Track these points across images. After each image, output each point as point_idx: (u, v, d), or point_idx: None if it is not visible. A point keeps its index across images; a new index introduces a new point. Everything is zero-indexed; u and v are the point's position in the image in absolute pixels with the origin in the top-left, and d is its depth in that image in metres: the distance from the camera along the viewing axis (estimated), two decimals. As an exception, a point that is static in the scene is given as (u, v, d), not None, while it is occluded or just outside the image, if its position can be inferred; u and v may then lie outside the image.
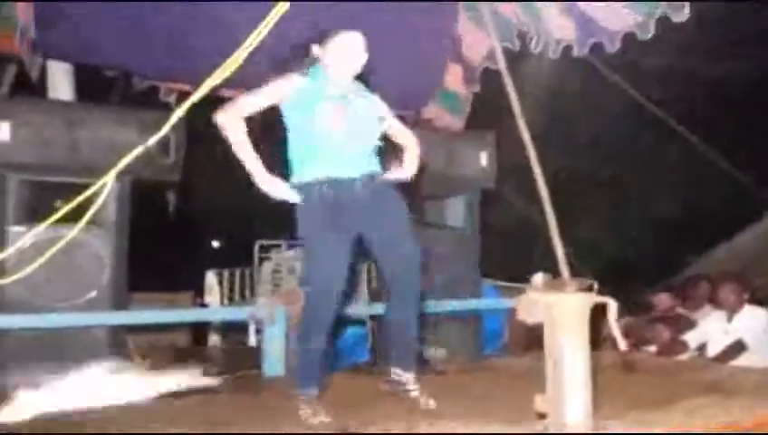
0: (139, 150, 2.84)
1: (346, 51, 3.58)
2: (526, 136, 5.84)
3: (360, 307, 6.24)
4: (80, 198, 3.30)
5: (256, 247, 9.57)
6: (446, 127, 6.84)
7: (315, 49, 3.61)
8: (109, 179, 2.79)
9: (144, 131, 4.74)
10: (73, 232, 3.66)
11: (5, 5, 5.34)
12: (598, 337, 5.75)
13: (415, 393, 3.65)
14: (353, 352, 6.51)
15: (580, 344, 2.64)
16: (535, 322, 2.68)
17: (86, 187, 4.46)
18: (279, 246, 9.67)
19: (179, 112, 2.92)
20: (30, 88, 5.97)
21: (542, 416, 2.74)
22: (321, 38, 3.61)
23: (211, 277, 9.24)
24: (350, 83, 3.64)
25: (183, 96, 6.94)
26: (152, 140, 2.95)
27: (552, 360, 2.67)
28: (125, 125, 4.80)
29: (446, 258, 5.78)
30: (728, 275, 6.43)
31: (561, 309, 2.62)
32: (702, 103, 9.53)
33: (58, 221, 3.79)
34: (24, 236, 4.27)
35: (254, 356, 5.26)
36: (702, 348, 6.03)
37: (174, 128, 4.94)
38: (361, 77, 3.72)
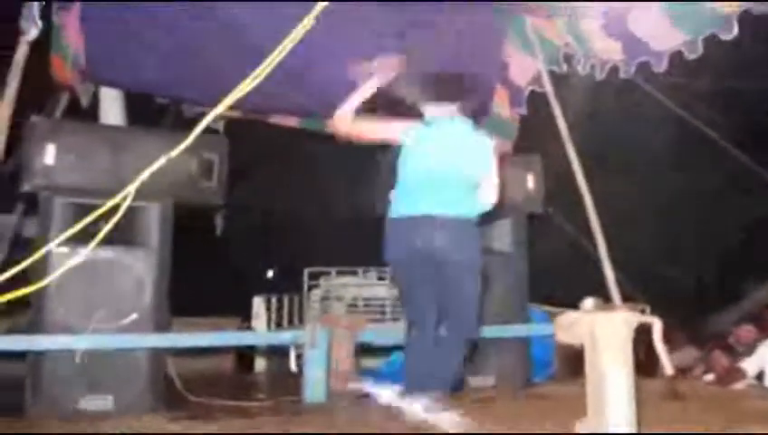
0: (158, 164, 2.76)
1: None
2: (574, 159, 5.76)
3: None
4: (114, 219, 3.24)
5: (305, 274, 9.55)
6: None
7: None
8: (129, 195, 2.71)
9: (190, 155, 4.80)
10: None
11: (58, 35, 5.44)
12: (653, 366, 5.62)
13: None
14: (398, 377, 6.38)
15: (622, 365, 2.52)
16: (574, 342, 2.56)
17: (132, 209, 4.53)
18: (329, 273, 9.64)
19: (202, 126, 2.87)
20: (82, 115, 6.06)
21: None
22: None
23: (258, 303, 9.24)
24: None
25: (232, 123, 7.05)
26: (173, 153, 2.87)
27: (593, 382, 2.54)
28: (170, 149, 4.80)
29: (493, 283, 5.65)
30: None
31: (602, 328, 2.50)
32: (756, 123, 9.27)
33: (101, 243, 3.80)
34: (66, 257, 4.27)
35: (297, 382, 5.19)
36: (761, 376, 5.79)
37: (218, 151, 5.05)
38: None
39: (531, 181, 6.05)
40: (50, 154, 4.62)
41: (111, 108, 6.22)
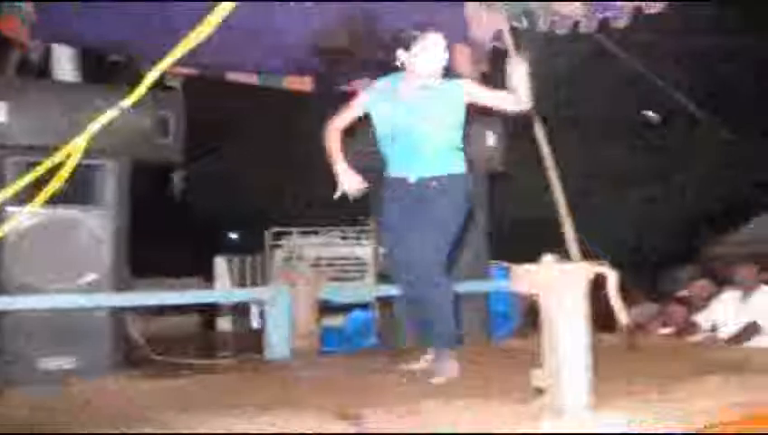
0: (108, 116, 2.70)
1: (431, 52, 3.84)
2: (535, 117, 5.76)
3: (366, 291, 6.17)
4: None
5: (267, 234, 9.51)
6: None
7: (401, 54, 3.86)
8: (78, 150, 2.64)
9: (146, 112, 4.74)
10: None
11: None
12: (613, 321, 5.70)
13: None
14: (360, 335, 6.44)
15: (577, 315, 2.54)
16: (529, 292, 2.58)
17: (88, 167, 4.46)
18: (291, 233, 9.62)
19: (150, 78, 2.81)
20: (34, 72, 5.93)
21: (541, 391, 2.65)
22: (407, 41, 3.84)
23: (220, 263, 9.20)
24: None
25: (189, 80, 6.94)
26: (123, 104, 2.80)
27: (547, 331, 2.57)
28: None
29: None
30: (743, 256, 6.35)
31: (556, 277, 2.52)
32: (719, 84, 9.34)
33: (56, 202, 3.74)
34: (21, 217, 4.20)
35: (260, 340, 5.20)
36: (714, 328, 5.94)
37: (173, 108, 4.98)
38: None
39: (491, 139, 6.07)
40: (2, 112, 4.53)
41: (65, 65, 6.07)
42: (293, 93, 7.10)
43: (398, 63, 3.91)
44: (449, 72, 6.43)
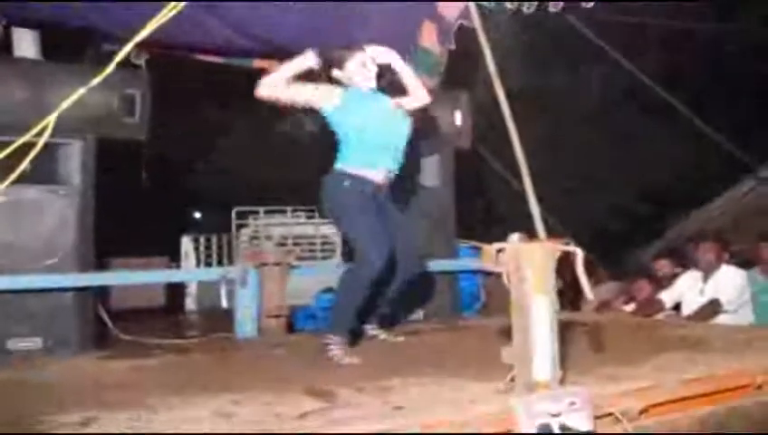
0: (78, 94, 2.67)
1: (363, 68, 4.05)
2: (501, 95, 5.77)
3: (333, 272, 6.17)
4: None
5: (234, 213, 9.48)
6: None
7: (336, 73, 4.06)
8: (47, 129, 2.62)
9: (111, 91, 4.68)
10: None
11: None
12: (577, 300, 5.78)
13: (383, 336, 4.35)
14: (327, 315, 6.41)
15: (545, 293, 2.58)
16: (499, 270, 2.62)
17: (53, 146, 4.40)
18: (257, 212, 9.59)
19: (119, 57, 2.78)
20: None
21: (510, 368, 2.69)
22: (336, 62, 4.05)
23: (187, 243, 9.15)
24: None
25: (154, 58, 6.85)
26: (93, 83, 2.78)
27: (516, 310, 2.61)
28: (86, 84, 4.66)
29: (420, 218, 5.70)
30: (706, 234, 6.42)
31: (526, 256, 2.56)
32: (683, 64, 9.46)
33: (21, 182, 3.68)
34: (-13, 197, 4.14)
35: (230, 319, 5.19)
36: (678, 307, 6.03)
37: (138, 86, 4.93)
38: None
39: (458, 117, 6.08)
40: (-36, 89, 4.45)
41: (26, 44, 5.96)
42: (261, 72, 7.05)
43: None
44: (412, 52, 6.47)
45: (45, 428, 2.58)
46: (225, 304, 6.76)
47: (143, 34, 2.73)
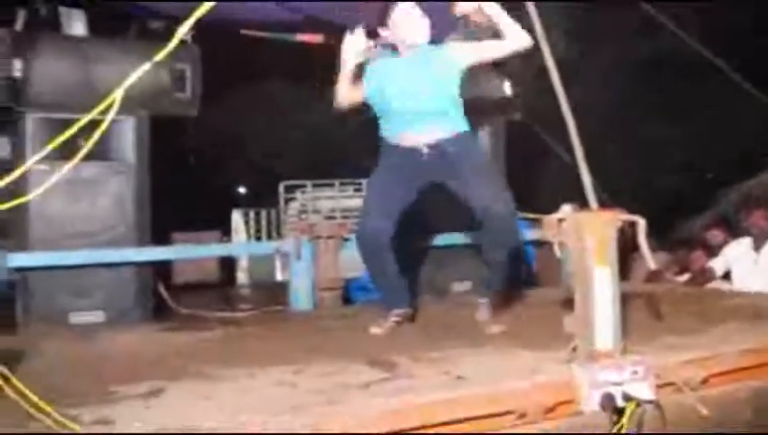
0: (139, 72, 2.69)
1: (410, 18, 3.79)
2: (552, 67, 5.71)
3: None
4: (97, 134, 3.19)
5: (281, 188, 9.53)
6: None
7: (384, 33, 3.83)
8: (113, 108, 2.64)
9: (162, 66, 4.73)
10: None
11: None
12: (626, 270, 5.73)
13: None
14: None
15: (608, 263, 2.57)
16: (561, 240, 2.61)
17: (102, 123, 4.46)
18: (304, 186, 9.62)
19: (171, 45, 2.79)
20: (44, 28, 5.88)
21: (572, 337, 2.69)
22: (380, 19, 3.82)
23: (237, 217, 9.24)
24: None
25: (200, 32, 6.88)
26: (155, 60, 2.80)
27: (580, 280, 2.60)
28: (139, 59, 4.70)
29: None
30: (758, 201, 6.29)
31: (589, 226, 2.55)
32: (733, 26, 9.22)
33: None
34: (45, 174, 4.21)
35: (282, 292, 5.25)
36: (727, 275, 5.93)
37: (190, 62, 4.97)
38: None
39: (507, 88, 6.04)
40: (16, 68, 4.52)
41: (74, 21, 6.03)
42: (304, 46, 7.04)
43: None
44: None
45: (114, 398, 2.64)
46: (279, 277, 6.81)
47: (202, 11, 2.73)
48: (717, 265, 6.05)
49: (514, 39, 3.75)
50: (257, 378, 2.89)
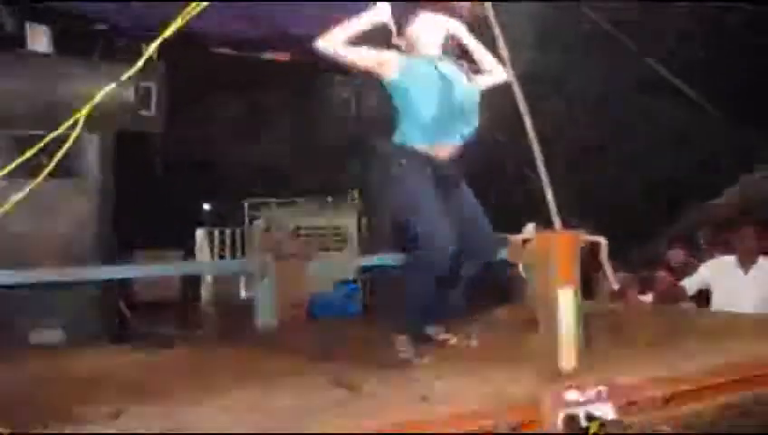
0: (106, 91, 2.67)
1: (431, 30, 3.75)
2: (515, 84, 5.74)
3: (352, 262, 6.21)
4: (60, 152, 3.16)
5: (246, 206, 9.50)
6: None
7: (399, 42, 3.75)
8: (78, 124, 2.62)
9: (128, 84, 4.69)
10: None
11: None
12: (590, 288, 5.75)
13: (454, 340, 3.82)
14: (345, 304, 6.45)
15: (570, 284, 2.59)
16: (525, 261, 2.62)
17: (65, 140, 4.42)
18: (269, 204, 9.61)
19: (140, 62, 2.77)
20: (9, 45, 5.82)
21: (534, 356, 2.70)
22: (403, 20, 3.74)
23: (201, 235, 9.19)
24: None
25: (166, 49, 6.84)
26: (122, 78, 2.78)
27: (544, 300, 2.62)
28: (105, 77, 4.68)
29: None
30: (746, 219, 6.09)
31: (550, 247, 2.57)
32: (693, 54, 9.39)
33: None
34: (7, 191, 4.16)
35: (247, 310, 5.21)
36: (702, 294, 5.85)
37: (156, 79, 4.95)
38: None
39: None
40: (-19, 85, 4.47)
41: (38, 37, 5.99)
42: (269, 64, 7.05)
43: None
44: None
45: (76, 420, 2.59)
46: (243, 295, 6.79)
47: (169, 31, 2.72)
48: (691, 283, 5.95)
49: (493, 73, 3.84)
50: (221, 399, 2.86)
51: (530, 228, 5.72)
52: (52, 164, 2.69)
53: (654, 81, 9.14)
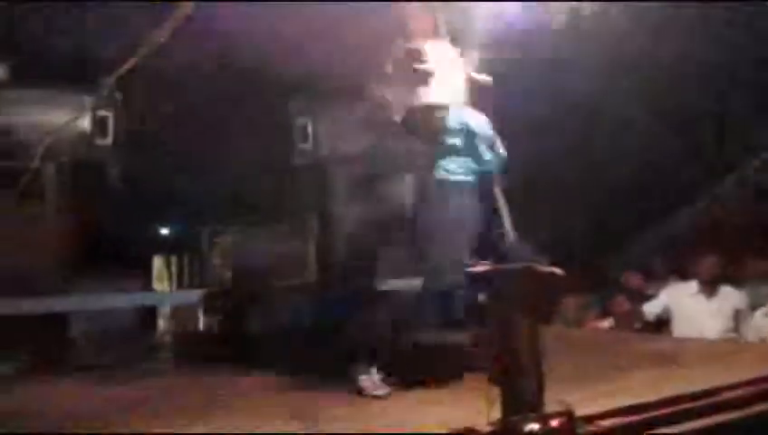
0: (67, 122, 2.66)
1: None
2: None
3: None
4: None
5: (205, 232, 9.39)
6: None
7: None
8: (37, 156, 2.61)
9: (80, 113, 4.66)
10: None
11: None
12: (549, 314, 5.78)
13: None
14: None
15: (528, 314, 2.60)
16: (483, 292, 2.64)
17: (22, 170, 4.36)
18: (228, 230, 9.50)
19: (105, 89, 2.77)
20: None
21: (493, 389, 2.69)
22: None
23: (159, 263, 9.06)
24: None
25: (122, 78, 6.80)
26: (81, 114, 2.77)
27: (502, 331, 2.62)
28: (58, 105, 4.66)
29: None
30: (710, 247, 6.11)
31: (507, 279, 2.58)
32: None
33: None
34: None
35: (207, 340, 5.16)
36: (660, 320, 5.89)
37: (113, 109, 4.91)
38: None
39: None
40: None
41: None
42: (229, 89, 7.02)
43: None
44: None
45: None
46: (203, 325, 6.69)
47: (131, 63, 2.71)
48: (651, 308, 6.00)
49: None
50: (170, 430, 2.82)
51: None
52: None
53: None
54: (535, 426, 2.55)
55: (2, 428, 3.00)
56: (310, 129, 6.13)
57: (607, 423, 2.76)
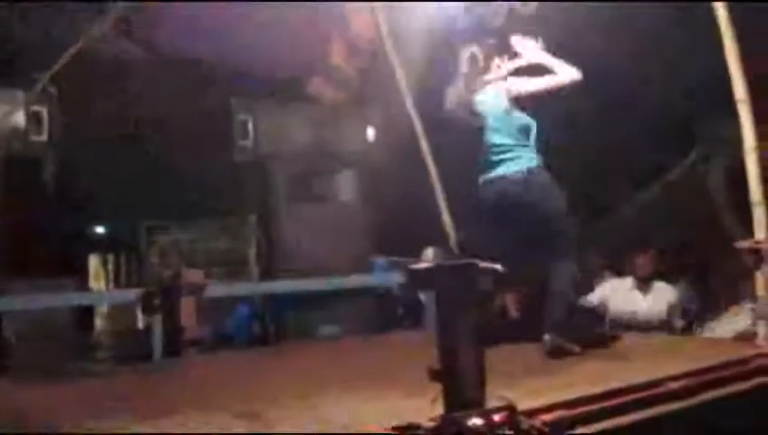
0: None
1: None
2: (413, 110, 5.82)
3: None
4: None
5: (143, 229, 9.24)
6: (331, 101, 6.71)
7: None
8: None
9: (17, 109, 4.57)
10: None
11: None
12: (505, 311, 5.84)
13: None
14: (243, 331, 6.31)
15: (470, 310, 2.63)
16: (426, 290, 2.65)
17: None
18: (167, 227, 9.36)
19: (41, 84, 2.71)
20: None
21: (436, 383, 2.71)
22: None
23: (95, 262, 8.89)
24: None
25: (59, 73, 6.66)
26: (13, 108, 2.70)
27: (444, 327, 2.65)
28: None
29: (338, 234, 5.74)
30: (647, 243, 6.32)
31: (449, 274, 2.60)
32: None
33: None
34: None
35: (145, 339, 5.08)
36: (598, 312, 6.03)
37: (47, 104, 4.81)
38: None
39: (371, 133, 6.14)
40: None
41: None
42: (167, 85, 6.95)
43: None
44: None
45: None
46: (141, 324, 6.58)
47: (64, 59, 2.66)
48: (591, 299, 6.11)
49: (564, 73, 4.27)
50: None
51: (429, 253, 5.80)
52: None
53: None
54: (478, 421, 2.57)
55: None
56: (251, 126, 6.08)
57: (549, 417, 2.78)
